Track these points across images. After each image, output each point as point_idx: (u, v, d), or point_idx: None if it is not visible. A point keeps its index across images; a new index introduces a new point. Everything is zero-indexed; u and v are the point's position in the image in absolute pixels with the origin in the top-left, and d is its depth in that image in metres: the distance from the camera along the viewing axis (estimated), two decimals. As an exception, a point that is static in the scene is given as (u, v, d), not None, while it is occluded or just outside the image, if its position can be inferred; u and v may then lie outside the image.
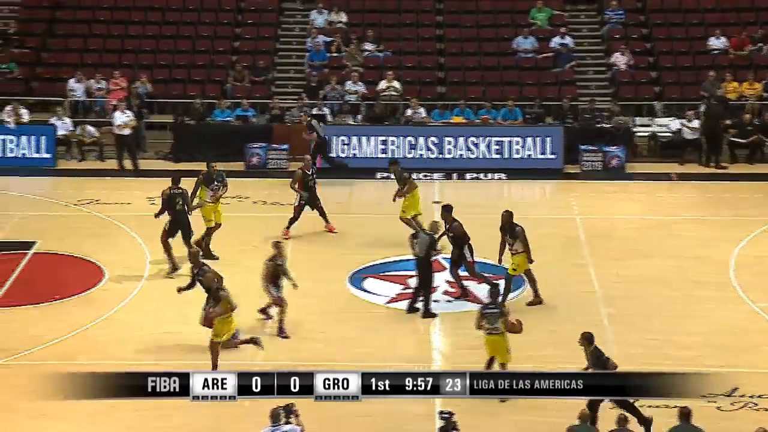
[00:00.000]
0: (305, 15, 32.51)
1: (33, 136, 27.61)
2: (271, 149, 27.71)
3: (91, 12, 32.08)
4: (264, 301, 19.00)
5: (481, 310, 17.16)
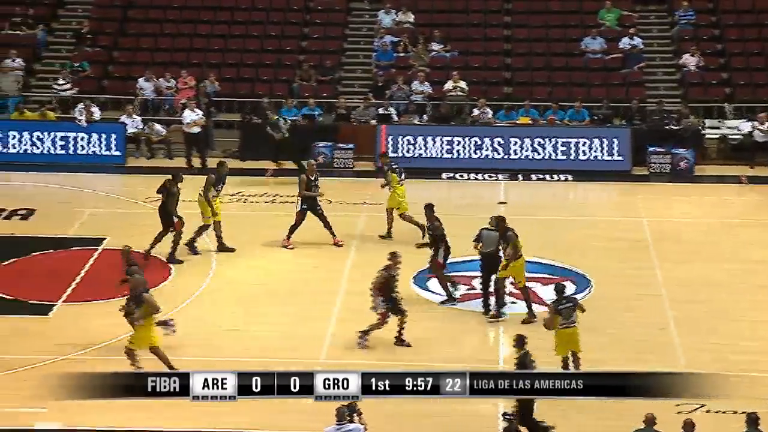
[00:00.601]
0: (373, 15, 32.59)
1: (104, 133, 27.97)
2: (337, 148, 27.81)
3: (162, 11, 32.45)
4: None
5: (555, 306, 17.09)
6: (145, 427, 15.68)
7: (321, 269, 21.57)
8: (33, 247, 22.07)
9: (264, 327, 19.06)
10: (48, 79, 30.80)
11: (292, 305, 19.90)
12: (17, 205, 24.37)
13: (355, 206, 25.09)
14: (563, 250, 22.05)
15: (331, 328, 19.06)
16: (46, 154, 27.71)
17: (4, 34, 31.30)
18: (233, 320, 19.36)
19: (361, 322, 18.99)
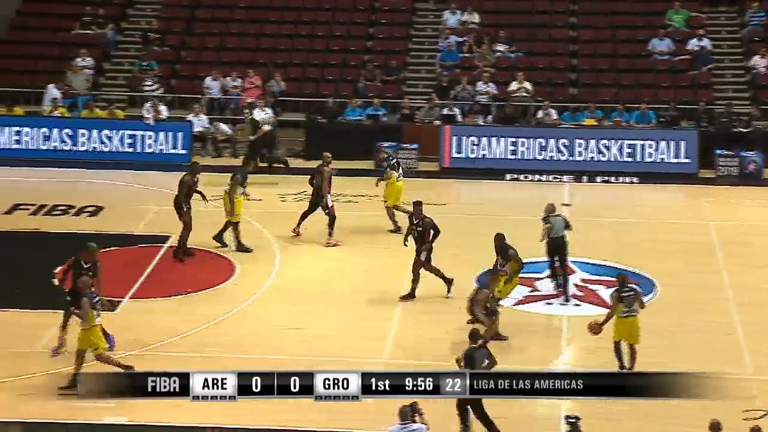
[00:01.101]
0: (438, 15, 32.58)
1: (170, 132, 28.25)
2: (401, 148, 27.78)
3: (229, 11, 32.72)
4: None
5: (618, 294, 17.12)
6: (206, 424, 15.80)
7: (384, 269, 21.54)
8: (100, 244, 22.24)
9: (326, 326, 19.08)
10: (117, 78, 31.21)
11: (355, 305, 19.92)
12: (86, 202, 24.70)
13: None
14: (628, 253, 21.85)
15: (394, 328, 19.06)
16: (114, 152, 28.06)
17: (75, 34, 31.76)
18: (295, 319, 19.39)
19: (423, 322, 19.08)
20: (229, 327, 19.12)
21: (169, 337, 18.57)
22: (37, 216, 24.19)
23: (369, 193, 25.65)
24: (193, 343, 18.42)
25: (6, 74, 30.67)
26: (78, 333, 16.74)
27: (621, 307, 17.13)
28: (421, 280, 20.08)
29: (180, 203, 21.56)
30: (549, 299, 20.36)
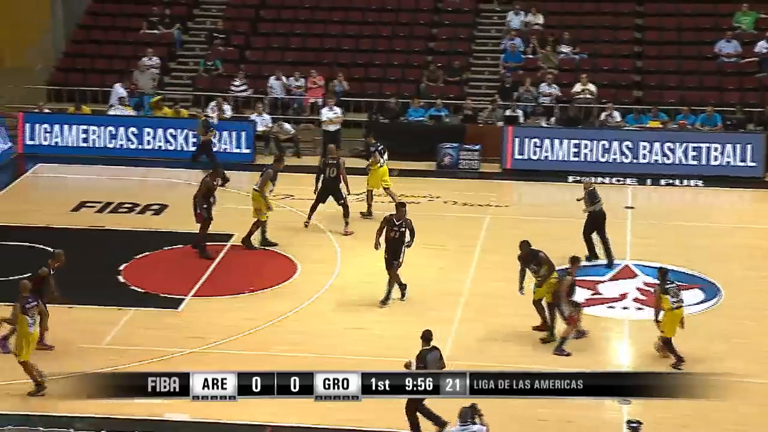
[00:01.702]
0: (502, 16, 32.48)
1: (234, 131, 28.44)
2: (464, 149, 27.76)
3: (293, 11, 32.87)
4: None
5: (661, 287, 17.41)
6: (267, 422, 15.89)
7: (446, 270, 21.57)
8: (164, 242, 22.55)
9: (387, 326, 19.14)
10: (182, 77, 31.51)
11: (417, 305, 19.94)
12: (150, 201, 24.98)
13: (480, 208, 25.02)
14: (692, 257, 21.64)
15: (455, 328, 19.07)
16: (179, 150, 28.29)
17: (142, 33, 32.13)
18: (355, 319, 19.47)
19: (485, 323, 19.09)
20: (291, 325, 19.23)
21: (232, 335, 18.72)
22: (102, 213, 24.48)
23: (430, 194, 25.68)
24: (256, 341, 18.57)
25: (74, 73, 31.11)
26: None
27: (668, 300, 17.25)
28: (475, 282, 19.99)
29: (196, 202, 21.81)
30: (611, 303, 20.25)
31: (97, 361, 17.38)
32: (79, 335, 18.66)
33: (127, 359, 17.48)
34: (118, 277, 21.15)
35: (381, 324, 19.28)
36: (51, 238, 22.69)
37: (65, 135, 28.02)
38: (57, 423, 15.24)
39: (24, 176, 27.06)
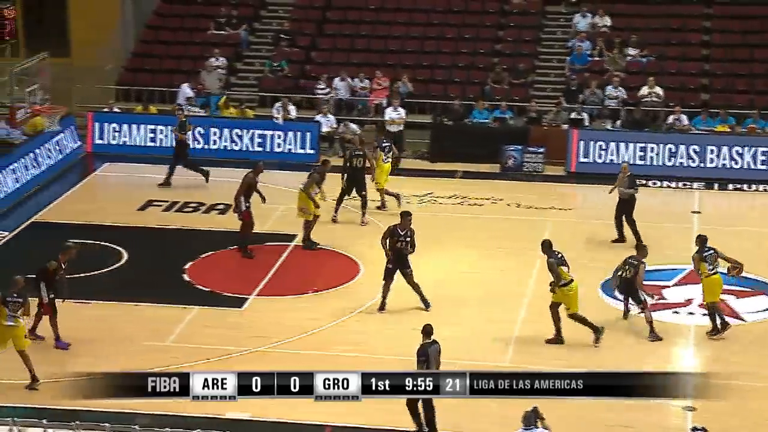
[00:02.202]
0: (568, 18, 32.30)
1: (299, 132, 28.60)
2: (528, 151, 27.65)
3: (359, 13, 32.98)
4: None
5: (699, 255, 18.37)
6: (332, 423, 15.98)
7: (508, 272, 21.53)
8: (229, 241, 22.69)
9: (450, 328, 18.95)
10: (248, 77, 31.76)
11: (479, 307, 19.97)
12: (216, 200, 25.21)
13: (543, 210, 24.93)
14: (760, 263, 21.35)
15: (517, 330, 19.06)
16: (244, 150, 28.51)
17: (209, 34, 32.43)
18: (419, 320, 19.17)
19: (548, 324, 18.91)
20: (354, 326, 19.31)
21: (294, 335, 18.83)
22: (169, 212, 24.76)
23: (493, 197, 25.63)
24: (317, 341, 18.68)
25: (143, 73, 31.49)
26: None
27: (705, 267, 18.23)
28: (537, 284, 20.04)
29: (238, 200, 21.94)
30: (676, 308, 20.07)
31: (160, 359, 17.60)
32: (144, 332, 18.91)
33: (190, 357, 17.66)
34: (183, 276, 21.37)
35: (443, 326, 18.97)
36: (118, 236, 23.05)
37: (133, 134, 28.36)
38: (122, 419, 15.44)
39: (92, 175, 27.44)
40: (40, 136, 26.29)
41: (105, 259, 22.02)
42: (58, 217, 24.47)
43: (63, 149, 27.63)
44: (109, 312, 19.87)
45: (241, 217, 22.12)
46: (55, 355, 18.03)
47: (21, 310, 17.03)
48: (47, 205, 25.15)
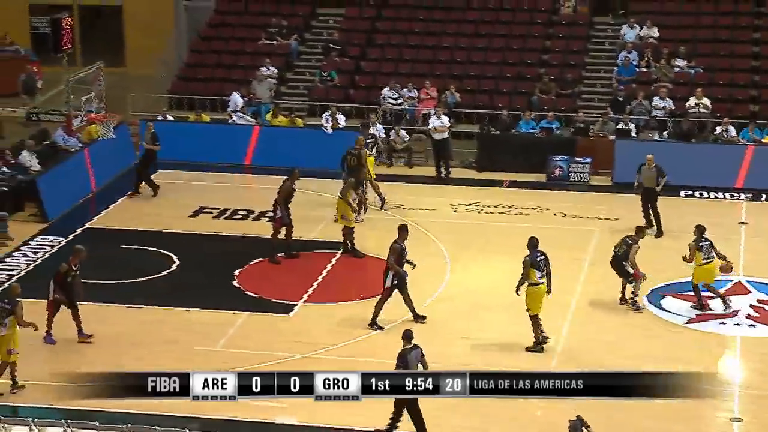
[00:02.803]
0: (616, 29, 32.33)
1: (347, 140, 28.72)
2: (574, 162, 27.68)
3: (408, 23, 33.19)
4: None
5: (696, 243, 19.87)
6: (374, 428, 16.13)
7: (554, 281, 21.20)
8: (278, 249, 22.84)
9: (494, 335, 19.26)
10: (298, 87, 32.09)
11: (524, 315, 19.82)
12: (265, 208, 25.47)
13: (589, 220, 24.93)
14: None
15: (562, 339, 19.14)
16: (293, 159, 28.63)
17: (261, 44, 32.82)
18: (464, 327, 19.60)
19: (592, 333, 19.14)
20: (400, 333, 19.23)
21: (342, 341, 19.01)
22: (219, 219, 25.07)
23: (540, 206, 25.67)
24: (366, 347, 18.87)
25: (195, 82, 31.93)
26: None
27: (700, 256, 19.76)
28: (583, 295, 20.29)
29: (277, 207, 22.29)
30: (722, 318, 20.09)
31: (210, 364, 17.84)
32: (194, 337, 19.19)
33: (239, 362, 17.86)
34: (233, 282, 21.62)
35: (489, 333, 19.38)
36: (170, 242, 23.39)
37: (185, 142, 28.77)
38: (175, 423, 15.66)
39: (145, 182, 27.84)
40: (95, 143, 26.71)
41: (157, 264, 22.36)
42: (112, 223, 24.85)
43: (117, 157, 27.99)
44: (160, 317, 20.15)
45: (277, 225, 22.45)
46: (77, 356, 18.37)
47: (10, 318, 17.20)
48: (101, 211, 25.53)
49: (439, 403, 15.52)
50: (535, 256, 18.69)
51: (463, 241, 22.66)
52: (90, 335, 19.00)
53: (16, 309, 17.31)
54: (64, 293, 18.81)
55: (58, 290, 18.80)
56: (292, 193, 22.68)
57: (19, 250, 23.12)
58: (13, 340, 17.29)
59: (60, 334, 18.99)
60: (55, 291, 18.82)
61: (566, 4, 33.00)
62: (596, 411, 13.54)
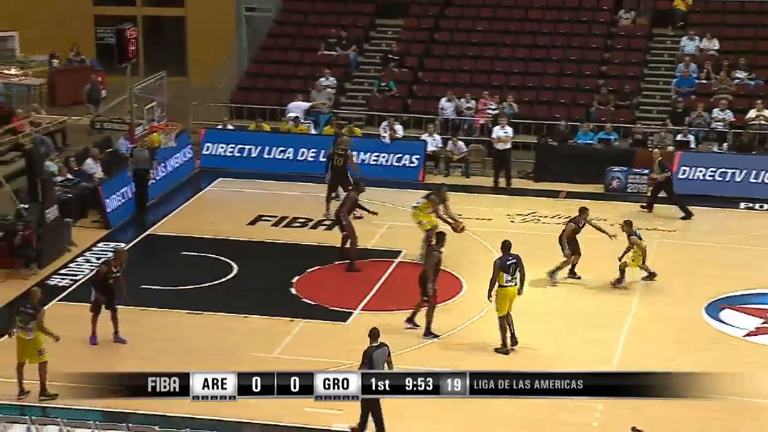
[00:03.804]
0: (675, 41, 32.16)
1: (405, 150, 28.90)
2: (632, 173, 27.55)
3: (466, 34, 33.24)
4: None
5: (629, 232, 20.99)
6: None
7: (612, 293, 21.52)
8: (335, 256, 23.03)
9: (551, 348, 19.19)
10: (356, 97, 32.27)
11: (580, 327, 20.01)
12: (323, 216, 25.70)
13: (647, 232, 24.57)
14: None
15: (618, 353, 19.04)
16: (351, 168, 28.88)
17: (320, 55, 33.06)
18: (524, 338, 19.40)
19: (649, 348, 18.99)
20: (457, 342, 19.41)
21: (398, 350, 18.79)
22: (278, 227, 25.22)
23: (600, 217, 25.54)
24: (421, 356, 18.83)
25: (255, 92, 32.22)
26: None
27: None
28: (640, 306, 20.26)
29: (341, 216, 22.56)
30: (782, 331, 19.96)
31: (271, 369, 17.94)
32: (251, 344, 19.27)
33: (297, 369, 17.97)
34: (291, 290, 21.75)
35: (547, 344, 19.31)
36: (229, 249, 23.58)
37: (244, 151, 29.06)
38: (228, 427, 15.82)
39: (205, 190, 27.99)
40: (157, 152, 27.05)
41: (216, 271, 22.55)
42: (173, 229, 25.09)
43: (178, 165, 28.32)
44: (217, 323, 20.28)
45: (344, 231, 22.61)
46: (114, 358, 18.54)
47: (32, 322, 17.18)
48: (163, 218, 25.82)
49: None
50: (506, 259, 18.97)
51: (520, 252, 22.53)
52: (125, 340, 19.28)
53: (39, 315, 17.28)
54: (105, 295, 19.12)
55: (99, 292, 19.16)
56: (356, 204, 22.88)
57: (82, 255, 23.44)
58: (41, 342, 17.31)
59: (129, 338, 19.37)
60: (96, 293, 19.19)
61: (625, 16, 32.88)
62: (655, 419, 13.50)
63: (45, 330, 17.31)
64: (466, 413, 16.55)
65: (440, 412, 16.51)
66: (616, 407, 16.57)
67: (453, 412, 16.56)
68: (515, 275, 18.87)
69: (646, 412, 15.98)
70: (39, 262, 22.63)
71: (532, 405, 16.08)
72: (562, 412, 16.50)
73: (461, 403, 15.79)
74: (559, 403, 15.30)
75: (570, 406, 16.38)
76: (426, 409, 16.46)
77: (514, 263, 18.95)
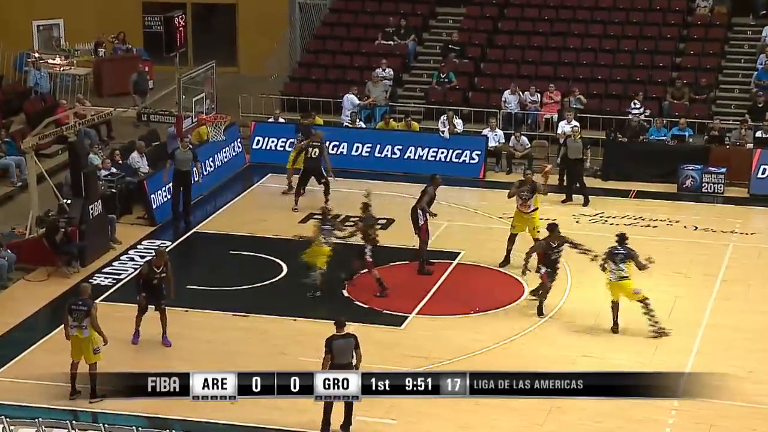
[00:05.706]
0: (756, 31, 30.78)
1: (465, 146, 27.88)
2: (707, 172, 26.39)
3: (532, 24, 32.12)
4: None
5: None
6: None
7: (684, 299, 20.63)
8: (390, 257, 22.24)
9: (621, 355, 18.44)
10: (415, 89, 31.23)
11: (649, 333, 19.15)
12: (377, 214, 24.62)
13: (723, 234, 23.80)
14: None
15: (691, 361, 18.16)
16: (408, 164, 27.86)
17: (377, 44, 32.06)
18: (587, 345, 18.84)
19: (723, 356, 18.20)
20: (519, 348, 18.85)
21: (458, 356, 18.35)
22: (330, 226, 24.51)
23: (669, 218, 24.65)
24: (484, 361, 18.18)
25: (308, 83, 31.33)
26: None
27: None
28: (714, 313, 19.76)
29: (416, 214, 21.61)
30: None
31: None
32: (300, 347, 18.67)
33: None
34: (343, 292, 21.09)
35: (614, 352, 18.61)
36: (279, 249, 22.85)
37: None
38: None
39: (255, 186, 27.32)
40: (205, 146, 26.28)
41: (265, 271, 21.93)
42: (220, 227, 24.45)
43: (227, 159, 27.61)
44: (265, 325, 19.80)
45: (419, 233, 21.72)
46: (168, 362, 18.05)
47: (86, 319, 16.92)
48: (210, 215, 25.18)
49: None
50: (614, 249, 19.08)
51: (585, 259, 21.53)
52: (170, 342, 18.81)
53: (92, 311, 17.05)
54: (151, 296, 18.76)
55: (142, 292, 18.80)
56: (432, 200, 21.97)
57: (127, 253, 22.87)
58: (97, 340, 17.01)
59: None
60: (140, 293, 18.84)
61: (702, 4, 31.49)
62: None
63: (98, 327, 17.00)
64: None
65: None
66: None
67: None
68: (620, 266, 18.82)
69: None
70: (81, 260, 22.17)
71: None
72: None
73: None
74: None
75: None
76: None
77: (622, 255, 18.89)
